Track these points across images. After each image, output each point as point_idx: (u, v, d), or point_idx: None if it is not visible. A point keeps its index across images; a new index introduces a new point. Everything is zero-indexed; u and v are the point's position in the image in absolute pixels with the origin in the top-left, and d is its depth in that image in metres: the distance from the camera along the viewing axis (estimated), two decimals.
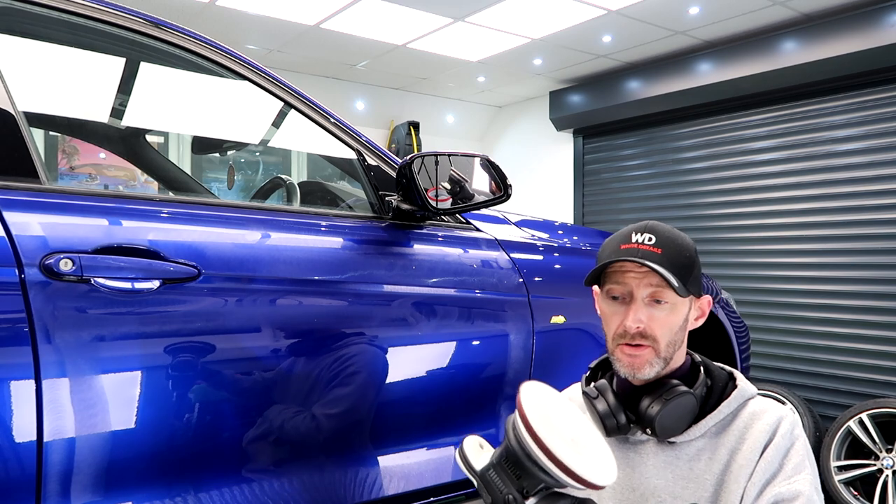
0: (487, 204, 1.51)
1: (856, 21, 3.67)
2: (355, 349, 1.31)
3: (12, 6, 1.16)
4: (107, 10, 1.23)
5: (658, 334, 1.01)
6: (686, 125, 4.76)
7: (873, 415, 3.42)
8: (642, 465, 1.05)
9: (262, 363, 1.19)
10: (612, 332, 1.04)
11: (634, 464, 1.05)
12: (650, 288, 1.01)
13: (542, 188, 5.87)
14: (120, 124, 1.99)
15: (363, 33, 4.33)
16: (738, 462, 1.00)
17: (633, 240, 1.02)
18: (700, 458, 1.03)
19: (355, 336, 1.31)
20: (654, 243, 1.01)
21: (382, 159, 1.51)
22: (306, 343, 1.25)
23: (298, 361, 1.23)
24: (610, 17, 3.95)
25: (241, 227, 1.25)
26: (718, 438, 1.03)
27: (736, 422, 1.03)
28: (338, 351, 1.29)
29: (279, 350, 1.22)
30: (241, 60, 1.37)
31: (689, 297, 1.04)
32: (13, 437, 0.96)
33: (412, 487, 1.39)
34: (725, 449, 1.02)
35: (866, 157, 3.77)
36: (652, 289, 1.01)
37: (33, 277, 0.98)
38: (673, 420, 1.01)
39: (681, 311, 1.03)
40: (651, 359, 1.01)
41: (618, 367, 1.04)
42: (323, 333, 1.27)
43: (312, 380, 1.25)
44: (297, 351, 1.24)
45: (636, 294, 1.01)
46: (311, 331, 1.26)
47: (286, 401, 1.22)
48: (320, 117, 1.44)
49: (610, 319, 1.04)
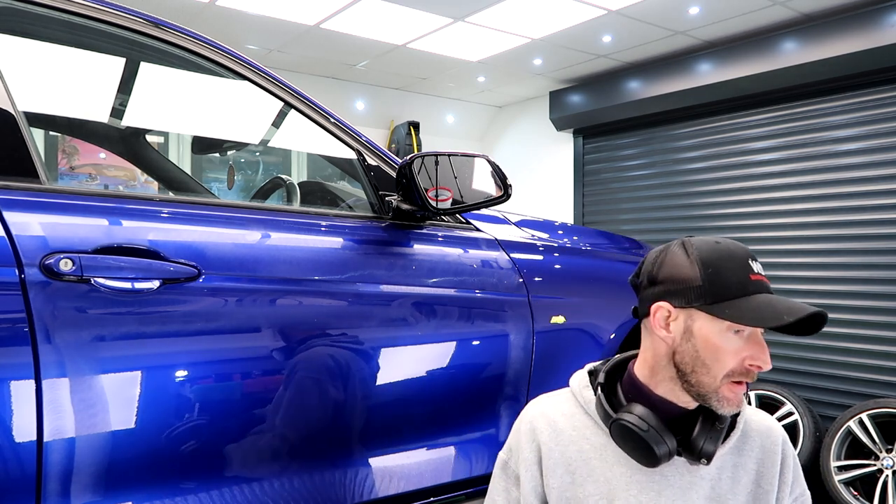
0: (487, 204, 1.51)
1: (856, 21, 3.67)
2: (355, 349, 1.31)
3: (12, 6, 1.16)
4: (107, 10, 1.23)
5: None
6: (686, 125, 4.76)
7: (873, 415, 3.41)
8: (669, 488, 1.00)
9: (262, 363, 1.19)
10: (727, 369, 0.94)
11: (660, 488, 1.00)
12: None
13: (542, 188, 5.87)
14: (120, 124, 1.99)
15: (363, 33, 4.33)
16: (763, 487, 1.02)
17: (755, 270, 0.96)
18: (721, 477, 1.01)
19: (355, 336, 1.31)
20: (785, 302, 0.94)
21: (382, 159, 1.51)
22: (306, 343, 1.25)
23: (298, 361, 1.23)
24: (610, 17, 3.95)
25: (241, 227, 1.25)
26: (733, 456, 1.03)
27: (741, 435, 1.04)
28: (338, 351, 1.29)
29: (279, 350, 1.22)
30: (241, 60, 1.37)
31: None
32: (13, 437, 0.96)
33: (412, 487, 1.39)
34: (744, 469, 1.02)
35: (866, 157, 3.77)
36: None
37: (33, 277, 0.98)
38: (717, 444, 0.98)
39: None
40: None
41: (720, 405, 0.96)
42: (323, 333, 1.27)
43: (312, 380, 1.25)
44: (297, 351, 1.24)
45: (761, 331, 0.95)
46: (312, 331, 1.26)
47: (286, 401, 1.22)
48: (320, 117, 1.44)
49: (727, 355, 0.94)
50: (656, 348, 1.01)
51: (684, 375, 0.97)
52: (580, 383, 1.09)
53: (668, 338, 0.99)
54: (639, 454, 0.97)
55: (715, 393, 0.95)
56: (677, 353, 0.98)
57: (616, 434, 0.99)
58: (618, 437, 0.99)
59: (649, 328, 1.02)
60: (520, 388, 1.54)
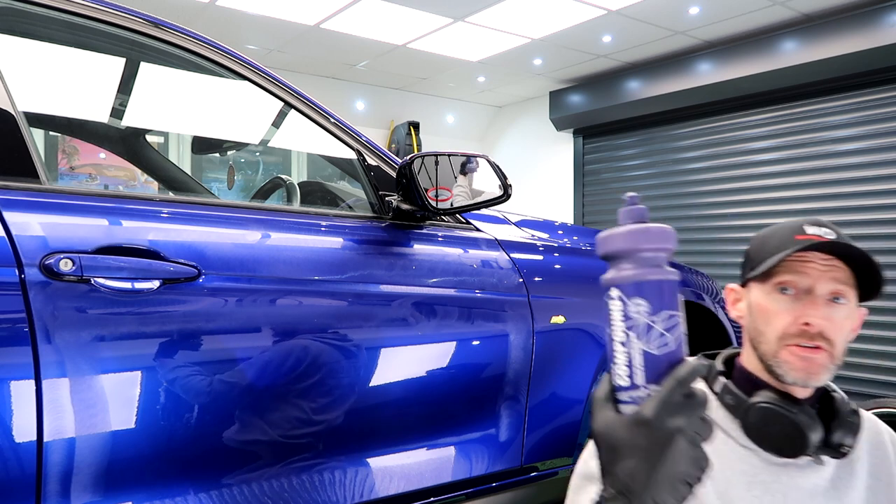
0: (487, 204, 1.51)
1: (856, 21, 3.68)
2: (355, 349, 1.31)
3: (12, 6, 1.16)
4: (107, 10, 1.23)
5: (836, 337, 0.88)
6: (686, 125, 4.76)
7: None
8: (796, 489, 0.92)
9: (262, 363, 1.19)
10: (778, 330, 0.90)
11: (787, 489, 0.92)
12: (833, 284, 0.89)
13: (542, 188, 5.87)
14: (120, 124, 1.99)
15: (363, 33, 4.33)
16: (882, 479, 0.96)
17: (810, 231, 0.90)
18: (840, 475, 0.94)
19: (356, 336, 1.31)
20: (837, 238, 0.89)
21: (382, 159, 1.51)
22: (306, 343, 1.25)
23: (298, 361, 1.23)
24: (610, 17, 3.95)
25: (241, 227, 1.25)
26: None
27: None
28: (338, 351, 1.29)
29: (279, 350, 1.22)
30: (241, 60, 1.37)
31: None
32: (13, 437, 0.96)
33: (412, 487, 1.39)
34: (860, 463, 0.96)
35: (866, 157, 3.78)
36: (836, 285, 0.89)
37: (33, 277, 0.98)
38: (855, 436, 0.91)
39: (854, 317, 0.92)
40: (827, 364, 0.89)
41: (784, 371, 0.90)
42: (323, 334, 1.27)
43: (312, 380, 1.25)
44: (297, 351, 1.24)
45: (817, 289, 0.89)
46: (312, 331, 1.26)
47: (286, 401, 1.22)
48: (320, 117, 1.44)
49: (776, 316, 0.90)
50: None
51: (756, 352, 0.94)
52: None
53: (740, 319, 0.98)
54: (786, 442, 0.89)
55: (775, 359, 0.90)
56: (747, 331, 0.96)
57: (759, 419, 0.90)
58: (761, 422, 0.90)
59: None
60: (520, 389, 1.54)
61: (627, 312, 0.63)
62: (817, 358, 0.88)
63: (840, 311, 0.89)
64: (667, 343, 0.62)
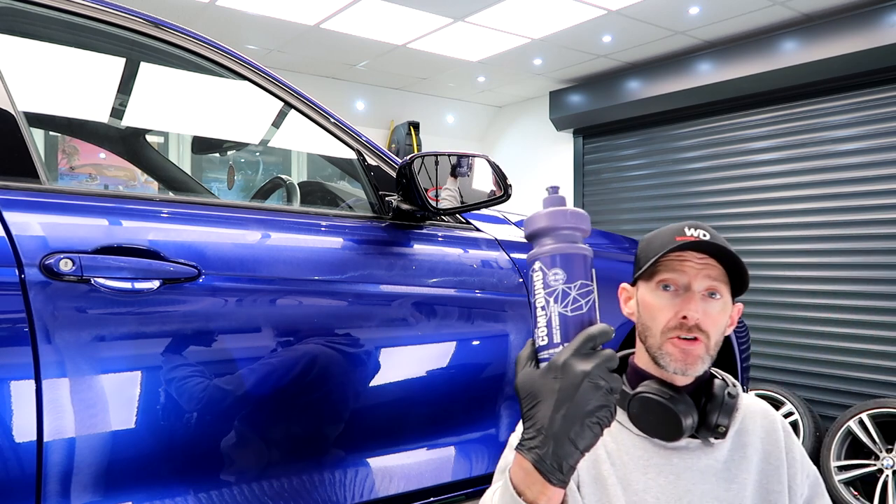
0: (487, 204, 1.51)
1: (856, 21, 3.67)
2: (356, 349, 1.31)
3: (12, 6, 1.16)
4: (107, 10, 1.23)
5: (711, 330, 0.97)
6: (686, 125, 4.76)
7: (873, 415, 3.42)
8: (687, 470, 1.00)
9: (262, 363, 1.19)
10: (661, 324, 0.99)
11: (679, 470, 1.00)
12: (708, 281, 0.98)
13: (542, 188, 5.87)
14: (120, 124, 1.99)
15: (363, 33, 4.33)
16: (772, 464, 1.03)
17: (689, 233, 0.99)
18: (733, 458, 1.02)
19: (356, 336, 1.31)
20: (711, 238, 0.98)
21: (382, 159, 1.51)
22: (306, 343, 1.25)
23: (298, 361, 1.23)
24: (610, 17, 3.95)
25: (241, 227, 1.25)
26: (739, 436, 1.04)
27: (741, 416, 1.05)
28: (338, 351, 1.29)
29: (279, 350, 1.22)
30: (241, 60, 1.37)
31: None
32: (13, 437, 0.96)
33: (412, 487, 1.39)
34: (752, 448, 1.04)
35: (866, 157, 3.77)
36: (710, 282, 0.98)
37: (33, 277, 0.98)
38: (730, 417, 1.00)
39: (728, 311, 1.01)
40: (703, 354, 0.98)
41: (666, 363, 0.98)
42: (323, 334, 1.27)
43: (312, 380, 1.25)
44: (297, 351, 1.24)
45: (694, 285, 0.98)
46: (312, 331, 1.26)
47: (286, 401, 1.22)
48: (320, 117, 1.44)
49: (659, 311, 0.99)
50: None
51: (645, 346, 1.02)
52: None
53: (631, 316, 1.06)
54: (662, 427, 0.98)
55: (659, 350, 0.99)
56: (637, 327, 1.04)
57: (637, 408, 0.99)
58: (639, 411, 0.99)
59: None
60: None
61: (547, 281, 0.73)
62: (694, 349, 0.97)
63: (715, 306, 0.99)
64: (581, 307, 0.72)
